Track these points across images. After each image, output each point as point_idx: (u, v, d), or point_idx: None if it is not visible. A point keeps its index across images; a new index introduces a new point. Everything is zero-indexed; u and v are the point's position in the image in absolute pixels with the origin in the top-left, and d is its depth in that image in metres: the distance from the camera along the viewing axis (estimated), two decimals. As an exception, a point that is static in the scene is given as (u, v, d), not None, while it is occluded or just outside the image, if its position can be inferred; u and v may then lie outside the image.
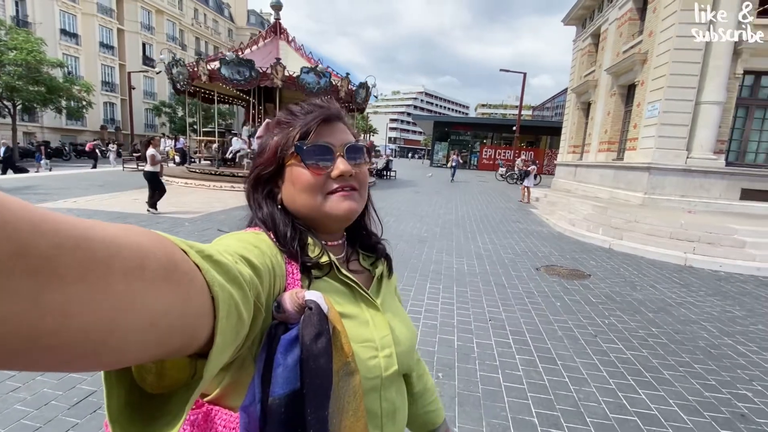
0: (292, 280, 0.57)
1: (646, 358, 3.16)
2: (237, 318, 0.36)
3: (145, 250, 0.25)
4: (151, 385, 0.35)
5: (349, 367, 0.52)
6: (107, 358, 0.23)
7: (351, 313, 0.62)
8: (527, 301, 4.28)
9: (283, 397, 0.46)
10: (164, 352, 0.28)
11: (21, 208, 0.19)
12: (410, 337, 0.70)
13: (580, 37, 17.02)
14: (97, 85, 30.32)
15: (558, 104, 42.91)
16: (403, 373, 0.70)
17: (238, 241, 0.53)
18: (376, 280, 0.71)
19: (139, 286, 0.24)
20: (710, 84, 9.53)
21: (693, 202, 9.65)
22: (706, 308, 4.39)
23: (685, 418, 2.42)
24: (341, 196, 0.63)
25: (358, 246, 0.75)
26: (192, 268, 0.30)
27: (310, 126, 0.63)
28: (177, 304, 0.27)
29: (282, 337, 0.48)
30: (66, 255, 0.19)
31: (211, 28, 48.14)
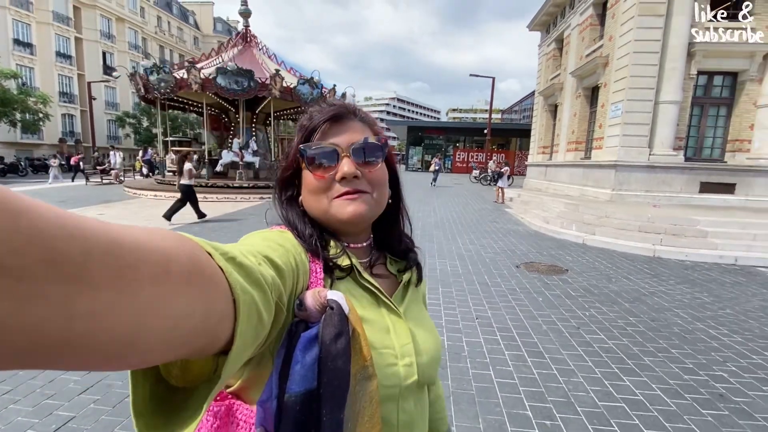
0: (315, 278, 0.57)
1: (626, 346, 3.27)
2: (257, 320, 0.36)
3: (171, 253, 0.25)
4: (176, 378, 0.36)
5: (367, 372, 0.51)
6: (133, 359, 0.24)
7: (371, 317, 0.60)
8: (510, 298, 4.36)
9: (299, 395, 0.46)
10: (187, 352, 0.28)
11: (54, 215, 0.19)
12: (434, 348, 0.67)
13: (545, 42, 17.67)
14: (54, 96, 28.87)
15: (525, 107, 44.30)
16: (428, 384, 0.67)
17: (263, 240, 0.54)
18: (402, 287, 0.69)
19: (164, 290, 0.24)
20: (667, 84, 10.09)
21: (657, 196, 10.14)
22: (677, 296, 4.61)
23: (669, 401, 2.52)
24: (345, 199, 0.61)
25: (387, 250, 0.73)
26: (216, 270, 0.31)
27: (316, 126, 0.62)
28: (200, 306, 0.27)
29: (302, 334, 0.48)
30: (96, 261, 0.20)
31: (176, 36, 46.92)
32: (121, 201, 11.77)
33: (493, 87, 25.32)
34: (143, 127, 34.12)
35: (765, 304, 4.45)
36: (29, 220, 0.17)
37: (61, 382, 2.50)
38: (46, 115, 23.04)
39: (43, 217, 0.18)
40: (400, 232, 0.74)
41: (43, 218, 0.18)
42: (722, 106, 10.56)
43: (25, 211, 0.17)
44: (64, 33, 32.04)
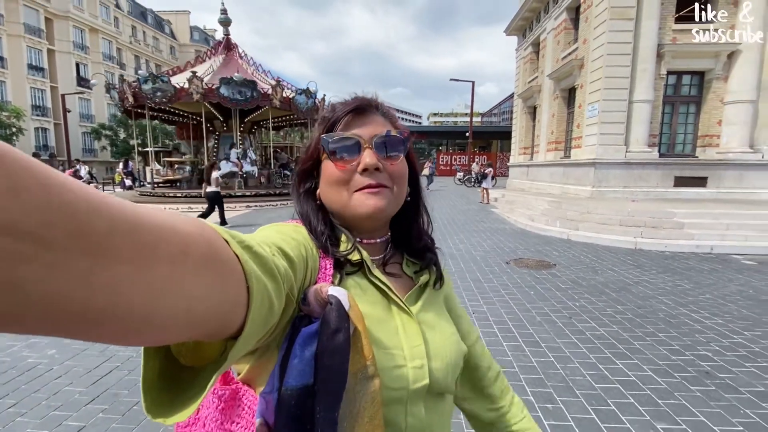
0: (323, 274, 0.57)
1: (617, 332, 3.42)
2: (268, 309, 0.37)
3: (189, 237, 0.26)
4: (185, 358, 0.37)
5: (368, 371, 0.50)
6: (149, 336, 0.25)
7: (379, 316, 0.59)
8: (504, 292, 4.49)
9: (294, 390, 0.46)
10: (200, 334, 0.29)
11: (82, 190, 0.20)
12: (452, 354, 0.63)
13: (522, 46, 18.16)
14: (26, 109, 28.00)
15: (504, 110, 45.26)
16: (443, 392, 0.63)
17: (277, 232, 0.55)
18: (417, 288, 0.66)
19: (181, 271, 0.25)
20: (640, 84, 10.54)
21: (635, 191, 10.53)
22: (660, 284, 4.82)
23: (660, 380, 2.66)
24: (367, 193, 0.60)
25: (404, 249, 0.71)
26: (232, 257, 0.31)
27: (339, 117, 0.62)
28: (215, 290, 0.28)
29: (303, 329, 0.48)
30: (118, 237, 0.21)
31: (152, 45, 46.20)
32: (103, 214, 11.52)
33: (473, 91, 25.81)
34: (120, 139, 33.37)
35: (741, 288, 4.71)
36: (59, 194, 0.18)
37: (66, 394, 2.47)
38: (20, 129, 22.32)
39: (72, 191, 0.19)
40: (420, 230, 0.71)
41: (72, 192, 0.19)
42: (692, 103, 11.08)
43: (56, 185, 0.18)
44: (36, 45, 31.24)
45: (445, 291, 0.74)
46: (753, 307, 4.07)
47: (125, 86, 12.56)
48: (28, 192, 0.17)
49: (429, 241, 0.72)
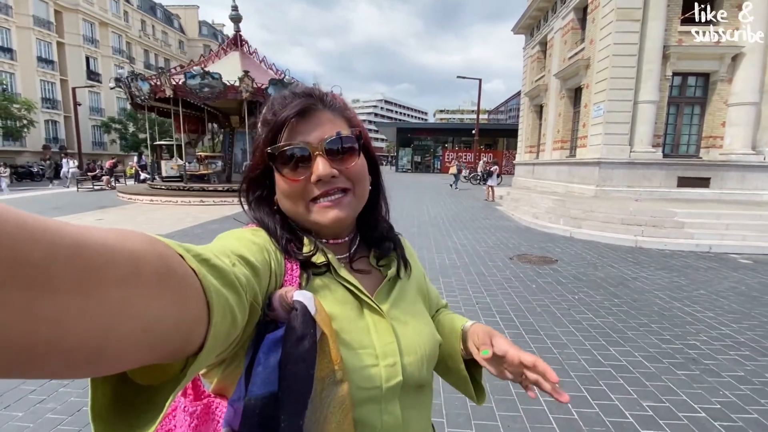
0: (290, 277, 0.55)
1: (612, 323, 3.65)
2: (230, 323, 0.36)
3: (140, 255, 0.25)
4: (141, 377, 0.35)
5: (336, 376, 0.49)
6: (103, 366, 0.24)
7: (349, 316, 0.57)
8: (506, 285, 4.72)
9: (259, 398, 0.45)
10: (158, 356, 0.28)
11: (15, 217, 0.18)
12: (425, 346, 0.63)
13: (529, 45, 18.25)
14: (36, 102, 28.41)
15: (511, 107, 45.19)
16: (420, 385, 0.62)
17: (236, 240, 0.53)
18: (386, 282, 0.65)
19: (133, 293, 0.23)
20: (645, 85, 10.66)
21: (638, 191, 10.68)
22: (657, 280, 5.03)
23: (648, 365, 2.89)
24: (324, 206, 0.58)
25: (364, 238, 0.69)
26: (188, 272, 0.30)
27: (280, 124, 0.56)
28: (172, 309, 0.27)
29: (267, 336, 0.47)
30: (60, 264, 0.19)
31: (161, 40, 46.51)
32: (117, 206, 11.83)
33: (480, 88, 25.89)
34: (129, 133, 33.78)
35: (734, 285, 4.91)
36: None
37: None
38: (31, 122, 22.72)
39: (7, 221, 0.17)
40: (377, 218, 0.70)
41: (7, 222, 0.17)
42: (696, 104, 11.19)
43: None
44: (46, 38, 31.58)
45: (416, 278, 0.73)
46: (744, 302, 4.28)
47: (164, 78, 12.51)
48: None
49: (386, 227, 0.71)
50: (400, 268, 0.68)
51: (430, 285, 0.81)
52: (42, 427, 2.17)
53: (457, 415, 2.31)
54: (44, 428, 2.16)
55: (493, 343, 0.63)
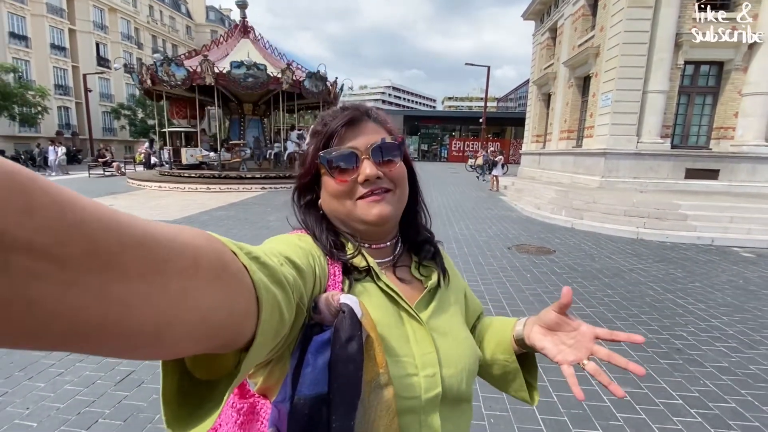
0: (333, 281, 0.58)
1: (602, 313, 3.72)
2: (279, 319, 0.38)
3: (199, 250, 0.27)
4: (200, 372, 0.38)
5: (382, 379, 0.50)
6: (161, 349, 0.26)
7: (389, 323, 0.59)
8: (502, 275, 4.80)
9: (308, 399, 0.46)
10: (212, 346, 0.30)
11: (93, 208, 0.20)
12: (466, 359, 0.64)
13: (539, 32, 17.90)
14: (50, 88, 28.77)
15: (521, 95, 44.52)
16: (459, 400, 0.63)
17: (283, 243, 0.56)
18: (427, 293, 0.67)
19: (192, 284, 0.25)
20: (655, 74, 10.46)
21: (644, 182, 10.59)
22: (653, 272, 5.07)
23: (632, 353, 2.97)
24: (370, 201, 0.62)
25: (407, 243, 0.72)
26: (240, 269, 0.32)
27: (333, 132, 0.62)
28: (225, 302, 0.29)
29: (314, 337, 0.49)
30: (130, 253, 0.21)
31: (168, 25, 46.43)
32: (127, 192, 12.09)
33: (488, 76, 25.56)
34: (138, 119, 34.08)
35: (732, 278, 4.92)
36: (73, 212, 0.19)
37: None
38: (45, 108, 23.07)
39: (84, 209, 0.19)
40: (418, 224, 0.73)
41: (84, 211, 0.19)
42: (708, 94, 10.96)
43: (68, 203, 0.19)
44: (58, 25, 31.79)
45: (459, 285, 0.76)
46: (739, 296, 4.30)
47: (206, 66, 12.58)
48: (43, 210, 0.17)
49: (428, 234, 0.74)
50: (441, 278, 0.70)
51: (471, 294, 0.82)
52: (61, 397, 2.36)
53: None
54: (63, 398, 2.34)
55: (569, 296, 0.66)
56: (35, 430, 2.10)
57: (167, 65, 12.73)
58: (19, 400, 2.34)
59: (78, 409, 2.26)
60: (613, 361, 0.64)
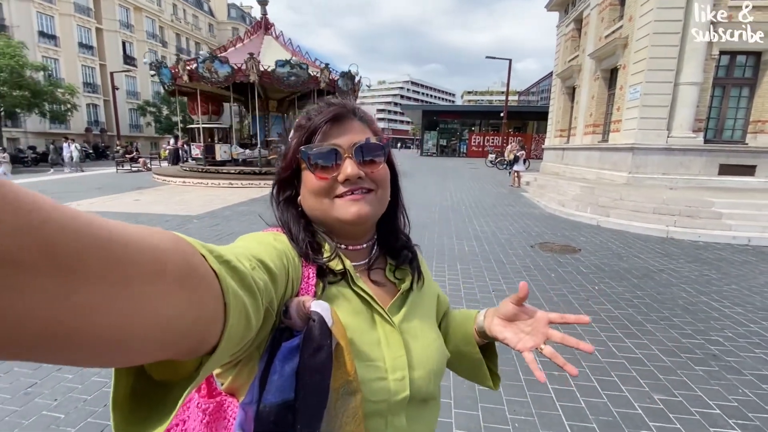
0: (306, 284, 0.57)
1: (631, 315, 3.59)
2: (245, 325, 0.37)
3: (165, 253, 0.26)
4: (158, 373, 0.36)
5: (351, 386, 0.50)
6: (123, 356, 0.24)
7: (362, 327, 0.59)
8: (525, 274, 4.69)
9: (274, 406, 0.46)
10: (175, 353, 0.29)
11: (52, 208, 0.19)
12: (434, 361, 0.65)
13: (563, 23, 17.38)
14: (78, 86, 29.79)
15: (543, 89, 43.48)
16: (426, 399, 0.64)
17: (258, 242, 0.54)
18: (400, 295, 0.67)
19: (157, 289, 0.24)
20: (688, 65, 9.99)
21: (674, 179, 10.17)
22: (685, 273, 4.86)
23: (665, 359, 2.85)
24: (349, 200, 0.60)
25: (385, 250, 0.72)
26: (209, 273, 0.31)
27: (316, 127, 0.61)
28: (191, 308, 0.28)
29: (283, 344, 0.48)
30: (91, 255, 0.20)
31: (191, 23, 47.32)
32: (152, 187, 12.42)
33: (509, 69, 25.03)
34: (163, 116, 34.96)
35: (771, 280, 4.67)
36: (29, 215, 0.18)
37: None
38: (74, 106, 23.90)
39: (43, 210, 0.18)
40: (397, 229, 0.73)
41: (43, 212, 0.18)
42: (744, 86, 10.40)
43: (25, 205, 0.18)
44: (86, 24, 32.80)
45: (431, 287, 0.77)
46: (779, 299, 4.08)
47: (251, 64, 12.89)
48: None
49: (405, 238, 0.74)
50: (414, 281, 0.70)
51: (442, 294, 0.84)
52: (88, 389, 2.43)
53: (464, 398, 2.38)
54: (90, 390, 2.41)
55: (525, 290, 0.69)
56: (62, 421, 2.16)
57: (210, 62, 12.86)
58: (48, 391, 2.42)
59: (104, 401, 2.32)
60: (566, 342, 0.66)
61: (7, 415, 2.19)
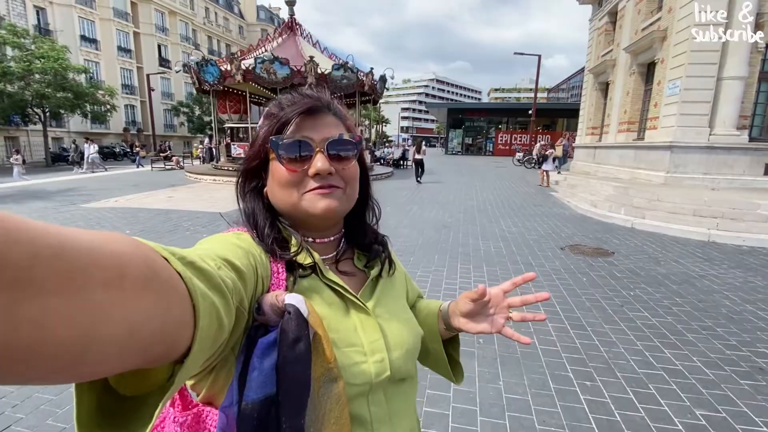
0: (276, 279, 0.56)
1: (670, 324, 3.41)
2: (217, 327, 0.36)
3: (125, 258, 0.25)
4: (126, 387, 0.34)
5: (332, 374, 0.50)
6: (85, 370, 0.23)
7: (337, 317, 0.59)
8: (554, 277, 4.56)
9: (256, 402, 0.45)
10: (143, 361, 0.28)
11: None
12: (409, 341, 0.66)
13: (597, 16, 16.74)
14: (117, 88, 31.20)
15: (573, 85, 42.11)
16: (404, 377, 0.66)
17: (220, 243, 0.53)
18: (370, 282, 0.68)
19: (118, 296, 0.23)
20: (732, 59, 9.42)
21: (716, 179, 9.62)
22: (729, 279, 4.58)
23: (707, 371, 2.69)
24: (318, 194, 0.60)
25: (353, 243, 0.72)
26: (173, 275, 0.30)
27: (289, 118, 0.59)
28: (157, 313, 0.27)
29: (260, 340, 0.48)
30: (43, 265, 0.19)
31: (222, 26, 48.61)
32: (185, 185, 12.87)
33: (539, 65, 24.36)
34: (196, 116, 36.15)
35: (826, 289, 4.34)
36: None
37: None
38: (113, 107, 25.06)
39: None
40: (365, 225, 0.73)
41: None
42: (797, 80, 9.70)
43: None
44: (124, 28, 34.30)
45: (400, 271, 0.78)
46: (836, 310, 3.78)
47: (310, 66, 13.35)
48: None
49: (374, 236, 0.74)
50: (383, 268, 0.71)
51: (411, 281, 0.86)
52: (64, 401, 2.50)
53: (491, 406, 2.33)
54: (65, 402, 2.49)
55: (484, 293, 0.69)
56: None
57: (270, 63, 13.13)
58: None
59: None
60: (525, 302, 0.73)
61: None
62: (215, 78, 13.90)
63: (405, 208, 9.05)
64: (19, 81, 19.25)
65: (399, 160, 21.36)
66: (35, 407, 2.27)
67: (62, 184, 13.16)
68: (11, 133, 24.75)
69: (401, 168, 20.82)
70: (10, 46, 19.27)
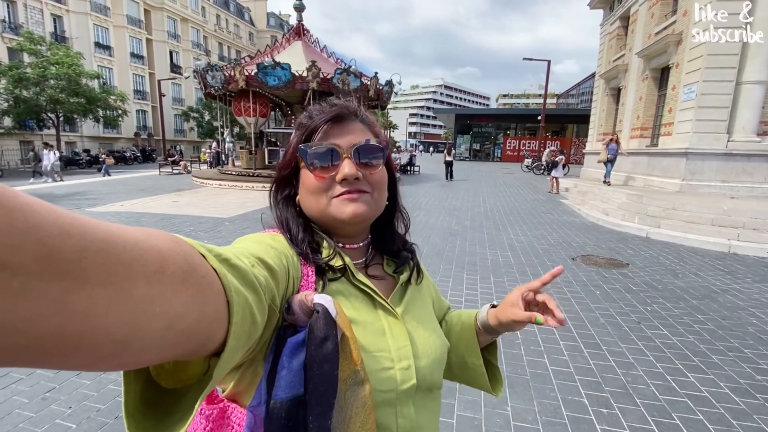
0: (306, 282, 0.57)
1: (693, 343, 3.15)
2: (251, 322, 0.37)
3: (165, 253, 0.26)
4: (167, 381, 0.36)
5: (358, 377, 0.50)
6: (128, 358, 0.25)
7: (365, 320, 0.59)
8: (566, 290, 4.31)
9: (285, 402, 0.45)
10: (181, 353, 0.29)
11: (49, 212, 0.19)
12: (437, 350, 0.65)
13: (608, 21, 16.46)
14: (129, 93, 31.63)
15: (584, 91, 41.72)
16: (430, 388, 0.64)
17: (255, 243, 0.54)
18: (399, 287, 0.68)
19: (158, 289, 0.24)
20: (752, 62, 9.09)
21: (735, 187, 9.25)
22: (754, 295, 4.29)
23: (737, 399, 2.44)
24: (345, 199, 0.60)
25: (381, 251, 0.72)
26: (209, 271, 0.31)
27: (317, 126, 0.62)
28: (194, 307, 0.28)
29: (289, 339, 0.48)
30: (91, 258, 0.20)
31: (233, 32, 49.24)
32: (191, 189, 12.83)
33: (548, 71, 24.06)
34: (205, 121, 36.50)
35: None
36: (24, 216, 0.18)
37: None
38: (125, 112, 25.37)
39: (38, 213, 0.18)
40: (393, 233, 0.73)
41: (38, 215, 0.18)
42: (820, 84, 9.32)
43: (19, 207, 0.18)
44: (137, 35, 34.88)
45: (427, 287, 0.77)
46: None
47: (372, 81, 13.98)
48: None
49: (403, 243, 0.74)
50: (413, 274, 0.71)
51: (438, 294, 0.84)
52: (103, 397, 2.36)
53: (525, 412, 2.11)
54: (105, 399, 2.35)
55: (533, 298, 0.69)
56: (74, 431, 2.10)
57: (346, 75, 13.92)
58: (64, 398, 2.38)
59: (117, 411, 2.25)
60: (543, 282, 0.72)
61: (22, 421, 2.16)
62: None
63: (410, 213, 8.83)
64: (34, 86, 19.58)
65: (406, 166, 21.17)
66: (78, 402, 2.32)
67: (70, 188, 13.24)
68: (26, 138, 25.16)
69: (408, 174, 20.63)
70: (27, 52, 19.64)
